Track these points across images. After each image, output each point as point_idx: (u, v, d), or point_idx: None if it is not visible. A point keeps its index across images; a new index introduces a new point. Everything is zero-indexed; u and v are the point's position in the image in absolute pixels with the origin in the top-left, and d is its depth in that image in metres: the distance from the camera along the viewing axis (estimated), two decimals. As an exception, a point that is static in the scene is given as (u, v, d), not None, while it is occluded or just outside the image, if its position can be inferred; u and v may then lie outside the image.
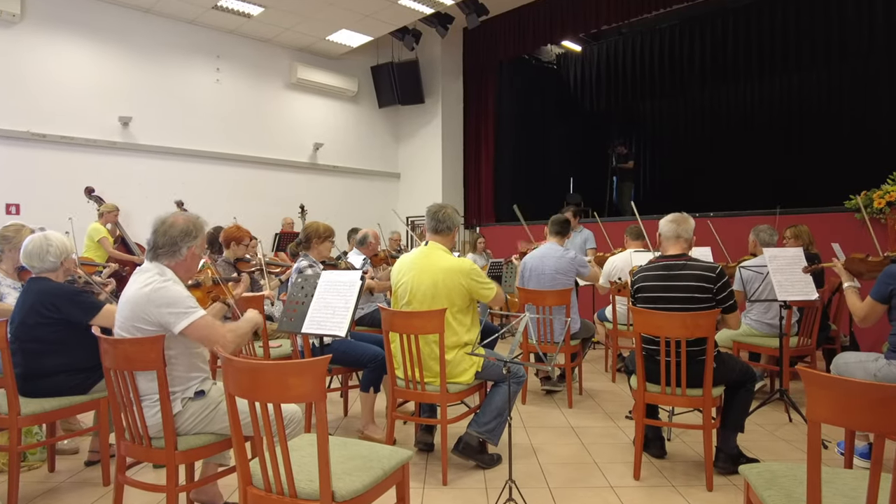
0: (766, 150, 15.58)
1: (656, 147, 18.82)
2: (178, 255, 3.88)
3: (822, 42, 13.42)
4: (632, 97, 17.33)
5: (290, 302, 5.15)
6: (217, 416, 3.81)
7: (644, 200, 18.09)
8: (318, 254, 6.39)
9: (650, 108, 18.70)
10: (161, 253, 3.86)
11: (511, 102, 16.70)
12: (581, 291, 8.29)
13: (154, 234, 3.88)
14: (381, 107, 16.41)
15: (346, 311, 4.81)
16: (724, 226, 9.98)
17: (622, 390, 7.84)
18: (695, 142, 17.40)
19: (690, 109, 17.59)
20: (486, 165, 16.18)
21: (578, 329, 7.38)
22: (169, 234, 3.86)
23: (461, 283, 5.14)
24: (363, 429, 5.87)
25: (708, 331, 4.69)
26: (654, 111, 18.68)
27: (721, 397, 5.10)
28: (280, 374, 2.86)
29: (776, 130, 15.50)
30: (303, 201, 13.61)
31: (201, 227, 4.01)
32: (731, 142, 16.37)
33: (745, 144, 16.06)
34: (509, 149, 16.69)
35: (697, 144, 17.28)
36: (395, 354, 5.22)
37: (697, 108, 17.39)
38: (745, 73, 15.18)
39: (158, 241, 3.86)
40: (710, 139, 16.93)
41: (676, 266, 5.00)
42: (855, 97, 13.80)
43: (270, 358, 6.13)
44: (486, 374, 5.24)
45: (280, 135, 14.56)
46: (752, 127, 16.08)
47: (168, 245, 3.85)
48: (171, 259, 3.87)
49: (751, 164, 15.74)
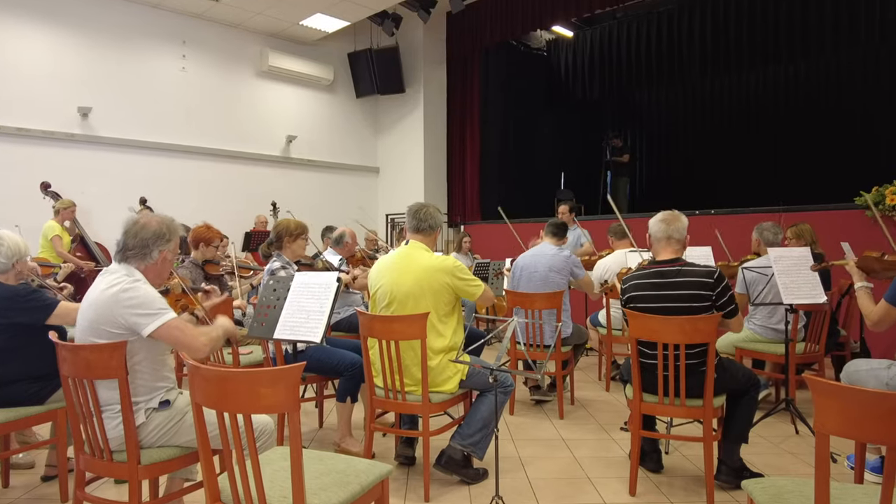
0: (770, 143, 15.64)
1: (653, 140, 18.89)
2: (149, 258, 3.86)
3: (830, 28, 13.42)
4: (627, 86, 17.36)
5: (262, 305, 5.14)
6: (183, 427, 3.80)
7: (640, 197, 18.20)
8: (291, 253, 6.36)
9: (647, 99, 18.78)
10: (131, 255, 3.84)
11: (498, 92, 16.74)
12: (573, 294, 8.29)
13: (124, 235, 3.87)
14: (358, 96, 16.40)
15: (321, 315, 4.80)
16: (726, 223, 10.01)
17: (617, 400, 7.86)
18: (694, 134, 17.48)
19: (690, 99, 17.67)
20: (470, 159, 16.19)
21: (570, 334, 7.36)
22: (140, 235, 3.84)
23: (445, 282, 5.14)
24: (339, 441, 5.85)
25: (708, 336, 4.66)
26: (651, 101, 18.76)
27: (723, 407, 5.10)
28: (250, 382, 2.85)
29: (781, 122, 15.57)
30: (275, 198, 13.61)
31: (175, 231, 4.00)
32: (734, 134, 16.45)
33: (748, 137, 16.12)
34: (496, 142, 16.74)
35: (697, 137, 17.36)
36: (373, 361, 5.20)
37: (697, 98, 17.47)
38: (748, 60, 15.17)
39: (129, 243, 3.84)
40: (710, 131, 17.01)
41: (670, 273, 4.91)
42: (866, 87, 13.85)
43: (240, 365, 6.10)
44: (472, 383, 5.23)
45: (250, 127, 14.54)
46: (755, 118, 16.15)
47: (139, 247, 3.84)
48: (142, 262, 3.86)
49: (754, 158, 15.82)
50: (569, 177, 18.92)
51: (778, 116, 15.71)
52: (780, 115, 15.66)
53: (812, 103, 15.02)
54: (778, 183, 14.98)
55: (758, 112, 16.22)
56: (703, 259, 7.27)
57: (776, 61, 14.95)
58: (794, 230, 7.77)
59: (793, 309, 6.37)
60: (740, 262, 7.35)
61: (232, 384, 2.88)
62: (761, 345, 7.05)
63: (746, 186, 15.17)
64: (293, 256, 6.37)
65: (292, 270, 6.04)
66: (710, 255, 7.53)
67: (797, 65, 15.26)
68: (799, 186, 14.04)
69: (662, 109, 18.62)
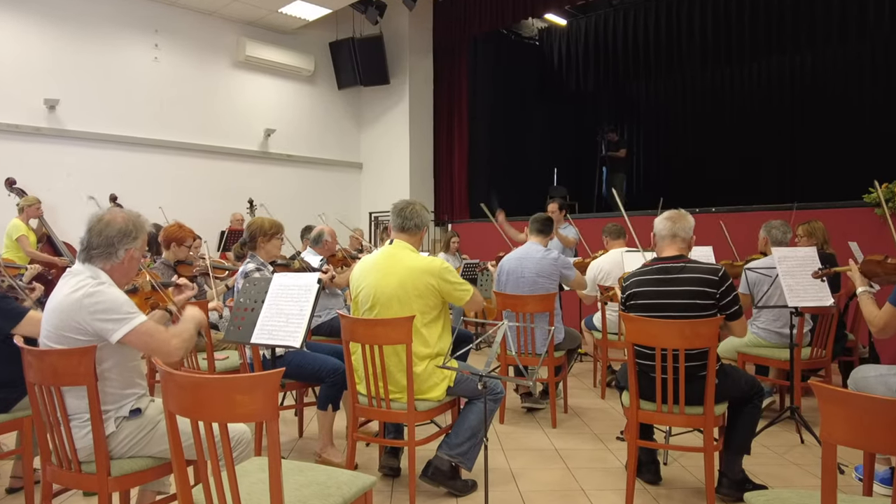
0: (774, 138, 15.64)
1: (651, 134, 18.90)
2: (115, 257, 3.82)
3: (837, 17, 13.44)
4: (623, 78, 17.39)
5: (238, 309, 5.13)
6: (155, 437, 3.79)
7: (638, 194, 18.18)
8: (265, 254, 6.35)
9: (644, 90, 18.79)
10: (95, 254, 3.80)
11: (487, 83, 16.74)
12: (565, 296, 8.29)
13: (88, 233, 3.82)
14: (340, 88, 16.40)
15: (301, 318, 4.78)
16: (729, 222, 9.99)
17: (612, 408, 7.87)
18: (695, 128, 17.48)
19: (690, 91, 17.67)
20: (459, 154, 16.20)
21: (563, 339, 7.35)
22: (105, 233, 3.79)
23: (431, 284, 5.13)
24: (320, 451, 5.86)
25: (709, 340, 4.66)
26: (650, 93, 18.77)
27: (724, 416, 5.10)
28: (226, 389, 2.85)
29: (786, 116, 15.57)
30: (252, 195, 13.58)
31: (142, 227, 3.96)
32: (736, 128, 16.45)
33: (751, 131, 16.12)
34: (485, 136, 16.74)
35: (698, 131, 17.36)
36: (356, 367, 5.20)
37: (698, 89, 17.48)
38: (751, 51, 15.18)
39: (93, 242, 3.79)
40: (711, 125, 17.00)
41: (674, 269, 4.93)
42: (876, 78, 13.85)
43: (215, 371, 6.12)
44: (459, 390, 5.23)
45: (227, 120, 14.52)
46: (759, 111, 16.15)
47: (104, 246, 3.79)
48: (107, 262, 3.81)
49: (757, 153, 15.81)
50: (562, 173, 18.94)
51: (783, 110, 15.72)
52: (785, 108, 15.68)
53: (819, 96, 15.03)
54: (783, 179, 15.02)
55: (762, 105, 16.22)
56: (705, 259, 7.21)
57: (781, 52, 14.98)
58: (805, 228, 7.74)
59: (798, 312, 6.36)
60: (745, 262, 7.33)
61: (207, 391, 2.88)
62: (765, 350, 7.04)
63: (749, 183, 15.19)
64: (268, 257, 6.36)
65: (267, 272, 6.04)
66: (711, 254, 7.48)
67: (803, 55, 15.27)
68: (805, 183, 14.07)
69: (661, 102, 18.61)
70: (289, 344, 4.71)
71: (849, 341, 7.88)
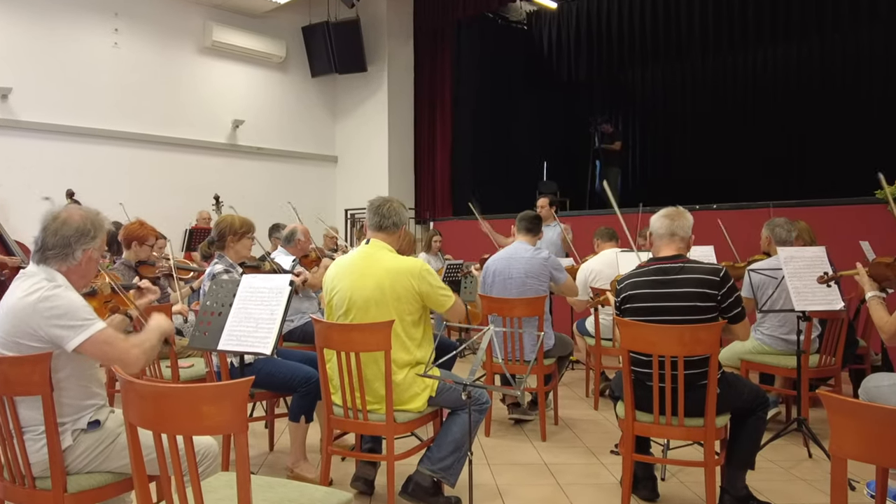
0: (779, 130, 15.63)
1: (648, 125, 18.92)
2: (72, 258, 3.79)
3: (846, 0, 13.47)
4: (618, 65, 17.40)
5: (204, 313, 5.12)
6: (115, 451, 3.78)
7: (633, 190, 18.15)
8: (235, 254, 6.30)
9: (640, 79, 18.81)
10: (51, 255, 3.76)
11: (472, 71, 16.74)
12: (556, 299, 8.29)
13: (43, 233, 3.78)
14: (314, 76, 16.40)
15: (271, 323, 4.78)
16: (731, 220, 9.99)
17: (606, 419, 7.88)
18: (694, 119, 17.49)
19: (690, 80, 17.68)
20: (441, 147, 16.20)
21: (553, 345, 7.36)
22: (61, 232, 3.76)
23: (412, 286, 5.11)
24: (293, 466, 5.85)
25: (710, 347, 4.65)
26: (646, 82, 18.79)
27: (726, 428, 5.09)
28: (191, 399, 2.85)
29: (792, 106, 15.54)
30: (219, 190, 13.52)
31: (101, 226, 3.93)
32: (738, 120, 16.45)
33: (754, 123, 16.13)
34: (470, 127, 16.74)
35: (697, 122, 17.37)
36: (330, 376, 5.19)
37: (698, 78, 17.48)
38: (754, 37, 15.20)
39: (48, 241, 3.76)
40: (712, 116, 16.99)
41: (672, 270, 4.93)
42: (888, 67, 13.83)
43: (180, 380, 6.11)
44: (442, 400, 5.23)
45: (192, 110, 14.49)
46: (762, 102, 16.15)
47: (60, 246, 3.76)
48: (63, 263, 3.78)
49: (761, 146, 15.79)
50: (552, 167, 18.93)
51: (788, 100, 15.68)
52: (791, 98, 15.64)
53: (827, 85, 15.00)
54: (788, 174, 15.02)
55: (765, 95, 16.19)
56: (705, 259, 7.17)
57: (786, 38, 14.99)
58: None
59: (806, 316, 6.30)
60: (747, 263, 7.33)
61: (170, 402, 2.87)
62: (770, 357, 7.04)
63: (753, 178, 15.18)
64: (237, 258, 6.31)
65: (236, 274, 6.01)
66: (713, 254, 7.45)
67: (810, 42, 15.24)
68: (812, 178, 14.09)
69: (658, 91, 18.62)
70: (258, 351, 4.70)
71: (860, 348, 7.83)
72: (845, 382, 7.85)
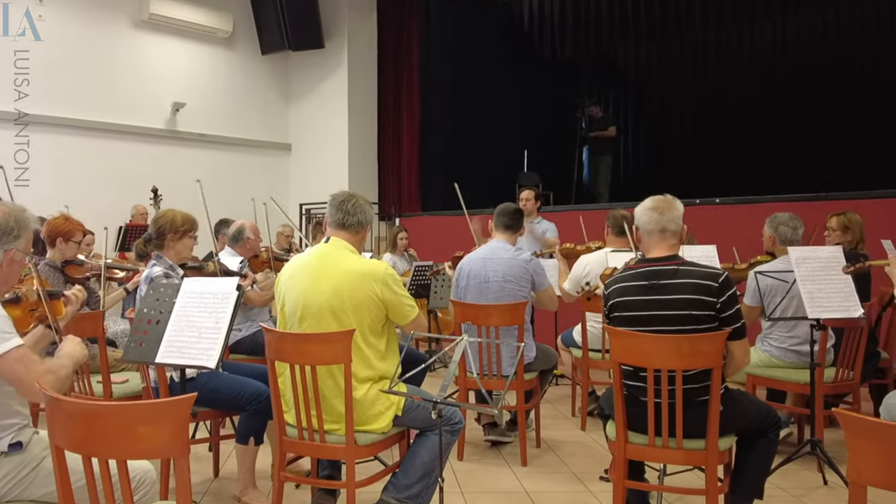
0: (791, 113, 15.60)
1: (642, 109, 18.91)
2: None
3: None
4: (609, 41, 17.34)
5: (140, 321, 5.11)
6: (39, 476, 3.76)
7: (625, 181, 18.17)
8: (175, 255, 6.26)
9: (634, 57, 18.82)
10: (-33, 258, 3.76)
11: (444, 49, 16.73)
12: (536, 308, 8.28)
13: (-41, 233, 3.77)
14: (264, 53, 16.36)
15: (216, 333, 4.78)
16: (735, 216, 9.94)
17: (595, 441, 7.89)
18: (694, 102, 17.48)
19: (690, 58, 17.66)
20: (408, 134, 16.20)
21: (535, 358, 7.36)
22: (-21, 232, 3.76)
23: (374, 291, 5.09)
24: (240, 495, 5.87)
25: (713, 359, 4.57)
26: (640, 60, 18.81)
27: (731, 451, 5.10)
28: (126, 419, 2.85)
29: (806, 86, 15.49)
30: (157, 182, 13.49)
31: (26, 224, 3.89)
32: (746, 101, 16.39)
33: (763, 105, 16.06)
34: (441, 112, 16.73)
35: (698, 105, 17.36)
36: (283, 392, 5.18)
37: (699, 55, 17.47)
38: (763, 7, 15.14)
39: (-36, 243, 3.75)
40: (715, 98, 16.96)
41: (665, 273, 4.82)
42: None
43: (112, 397, 6.09)
44: (409, 420, 5.23)
45: (126, 92, 14.42)
46: (773, 81, 16.07)
47: (-23, 248, 3.75)
48: (-19, 266, 3.78)
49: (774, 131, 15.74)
50: (534, 156, 18.93)
51: (801, 78, 15.54)
52: (804, 76, 15.49)
53: (845, 61, 14.90)
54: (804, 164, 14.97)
55: (776, 73, 16.10)
56: (706, 261, 6.91)
57: (798, 7, 14.96)
58: (839, 220, 7.70)
59: (820, 325, 6.19)
60: (749, 265, 7.31)
61: (102, 421, 2.88)
62: (780, 371, 6.96)
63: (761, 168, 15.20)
64: (178, 259, 6.28)
65: (177, 278, 5.98)
66: (715, 254, 7.29)
67: (825, 13, 15.09)
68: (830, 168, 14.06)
69: (653, 70, 18.60)
70: (202, 364, 4.70)
71: (881, 360, 7.80)
72: (865, 399, 7.81)
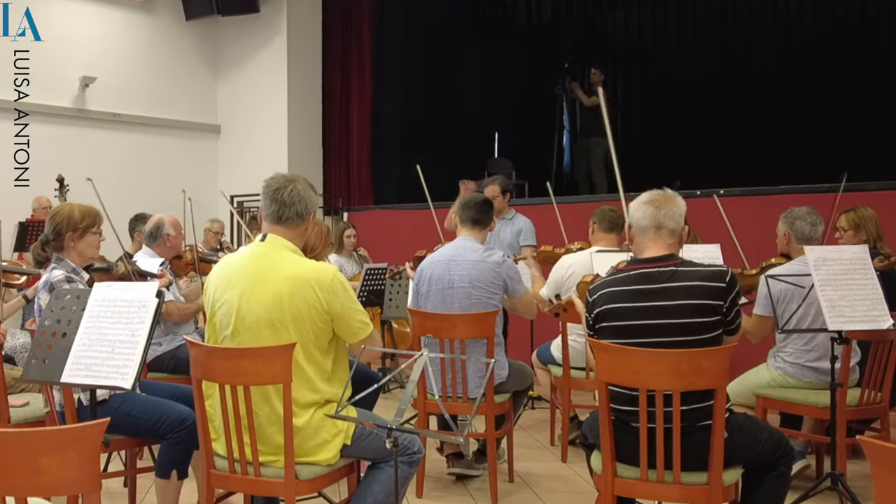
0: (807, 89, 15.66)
1: (632, 85, 18.91)
2: None
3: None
4: (594, 6, 17.35)
5: (43, 334, 5.07)
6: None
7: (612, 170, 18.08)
8: (78, 256, 6.14)
9: (624, 22, 18.81)
10: None
11: (399, 14, 16.70)
12: (514, 316, 8.27)
13: None
14: (189, 19, 16.25)
15: (132, 347, 4.74)
16: (741, 209, 9.95)
17: (577, 475, 7.88)
18: (695, 77, 17.50)
19: (690, 24, 17.68)
20: (358, 114, 16.17)
21: (507, 376, 7.31)
22: None
23: (318, 300, 5.03)
24: (161, 537, 5.85)
25: (716, 379, 4.52)
26: (630, 27, 18.80)
27: (737, 486, 5.07)
28: (26, 449, 2.84)
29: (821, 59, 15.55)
30: (63, 171, 13.42)
31: None
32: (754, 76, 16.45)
33: (775, 80, 16.11)
34: (397, 88, 16.71)
35: (700, 80, 17.36)
36: (211, 417, 5.17)
37: (700, 21, 17.48)
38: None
39: None
40: (719, 72, 17.00)
41: (662, 275, 4.81)
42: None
43: (10, 423, 6.06)
44: (360, 450, 5.20)
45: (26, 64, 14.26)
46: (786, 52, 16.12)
47: None
48: None
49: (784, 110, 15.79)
50: (506, 139, 18.91)
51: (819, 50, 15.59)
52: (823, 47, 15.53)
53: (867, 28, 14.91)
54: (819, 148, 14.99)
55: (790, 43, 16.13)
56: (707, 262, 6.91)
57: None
58: (849, 218, 7.70)
59: (843, 338, 6.05)
60: (760, 270, 7.27)
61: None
62: (795, 392, 6.86)
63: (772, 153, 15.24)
64: (81, 260, 6.18)
65: (81, 282, 5.94)
66: (719, 255, 7.19)
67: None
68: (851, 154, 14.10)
69: (646, 40, 18.59)
70: (115, 384, 4.67)
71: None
72: (894, 426, 7.86)
